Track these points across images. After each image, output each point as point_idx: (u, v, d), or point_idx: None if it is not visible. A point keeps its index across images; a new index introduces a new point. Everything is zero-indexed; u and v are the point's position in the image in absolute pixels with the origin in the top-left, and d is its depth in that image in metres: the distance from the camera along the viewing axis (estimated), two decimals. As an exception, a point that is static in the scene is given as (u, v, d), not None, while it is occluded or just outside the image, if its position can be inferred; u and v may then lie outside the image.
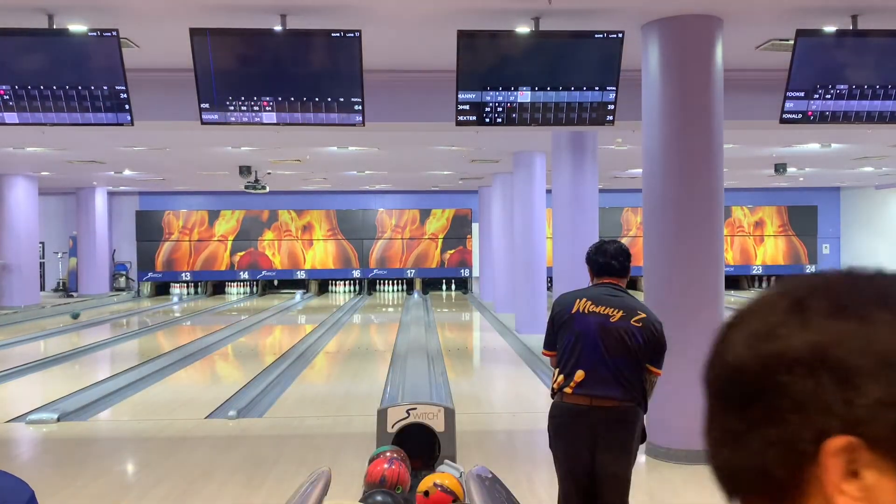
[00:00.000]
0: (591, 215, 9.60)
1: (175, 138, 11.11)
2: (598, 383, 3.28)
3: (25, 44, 5.45)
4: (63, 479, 5.32)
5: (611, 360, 3.28)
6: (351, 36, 5.42)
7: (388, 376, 9.10)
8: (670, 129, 5.64)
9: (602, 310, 3.33)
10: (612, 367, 3.28)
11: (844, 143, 12.59)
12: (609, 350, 3.29)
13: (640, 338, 3.31)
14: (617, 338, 3.29)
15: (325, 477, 2.77)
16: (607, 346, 3.29)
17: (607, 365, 3.28)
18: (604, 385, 3.28)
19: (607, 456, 3.28)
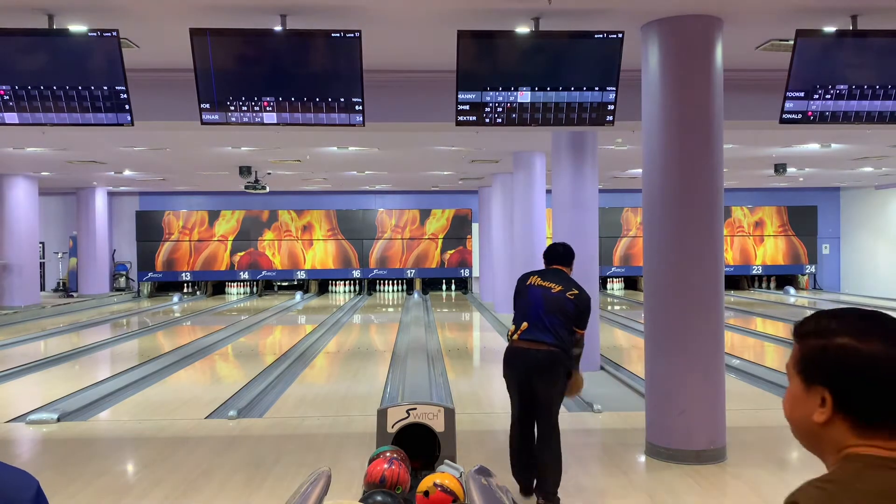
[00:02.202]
0: (591, 215, 9.59)
1: (175, 138, 11.12)
2: (535, 332, 4.58)
3: (25, 44, 5.45)
4: (63, 479, 5.32)
5: (546, 318, 4.59)
6: (351, 36, 5.42)
7: (388, 376, 9.11)
8: (670, 128, 5.64)
9: (546, 284, 4.72)
10: (546, 323, 4.58)
11: (844, 143, 12.60)
12: (547, 311, 4.60)
13: (571, 307, 4.64)
14: (554, 303, 4.62)
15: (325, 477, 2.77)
16: (546, 307, 4.61)
17: (543, 321, 4.59)
18: (539, 333, 4.57)
19: (539, 383, 4.60)
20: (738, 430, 6.16)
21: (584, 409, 7.28)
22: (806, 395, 1.30)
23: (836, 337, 1.27)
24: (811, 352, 1.30)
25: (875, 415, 1.24)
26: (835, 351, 1.27)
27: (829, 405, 1.26)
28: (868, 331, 1.26)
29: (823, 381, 1.27)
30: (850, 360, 1.25)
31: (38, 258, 19.24)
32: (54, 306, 17.76)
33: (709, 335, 5.60)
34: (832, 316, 1.32)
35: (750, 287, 22.58)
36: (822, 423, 1.28)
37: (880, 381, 1.23)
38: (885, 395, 1.23)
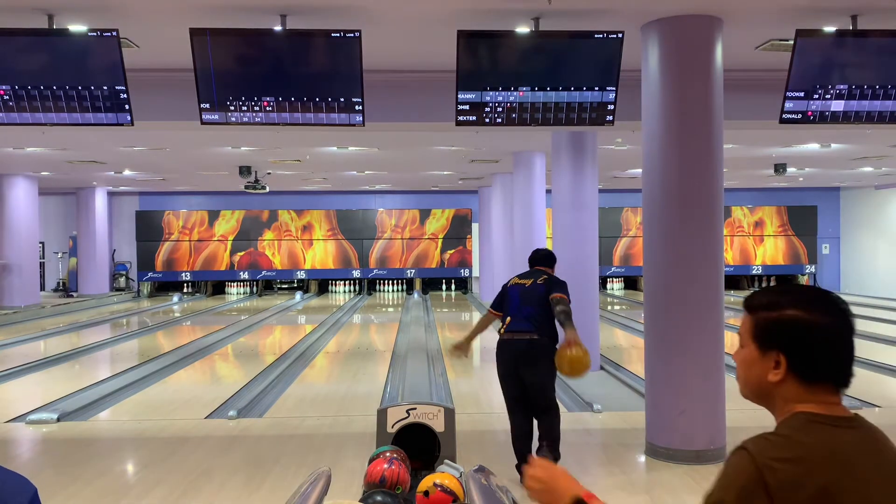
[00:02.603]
0: (591, 215, 9.59)
1: (175, 138, 11.12)
2: (517, 324, 5.07)
3: (25, 44, 5.45)
4: (63, 479, 5.32)
5: (523, 309, 5.08)
6: (351, 36, 5.42)
7: (388, 376, 9.11)
8: (670, 129, 5.64)
9: (522, 281, 5.28)
10: (525, 313, 5.06)
11: (844, 143, 12.59)
12: (522, 303, 5.11)
13: (542, 287, 5.11)
14: (527, 294, 5.13)
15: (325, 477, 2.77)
16: (521, 300, 5.13)
17: (522, 311, 5.08)
18: (520, 324, 5.05)
19: (526, 370, 5.01)
20: (738, 430, 6.14)
21: (584, 409, 7.28)
22: (761, 359, 1.52)
23: (786, 309, 1.51)
24: (766, 322, 1.52)
25: (820, 374, 1.48)
26: (788, 321, 1.50)
27: (784, 367, 1.49)
28: (813, 304, 1.51)
29: (778, 346, 1.49)
30: (801, 329, 1.49)
31: (38, 258, 19.24)
32: (54, 306, 17.76)
33: (709, 335, 5.60)
34: (780, 292, 1.56)
35: (750, 287, 22.57)
36: (776, 382, 1.50)
37: (825, 346, 1.48)
38: (829, 356, 1.47)
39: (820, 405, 1.46)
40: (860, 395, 7.67)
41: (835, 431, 1.43)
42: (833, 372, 1.48)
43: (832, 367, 1.48)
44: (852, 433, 1.44)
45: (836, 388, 1.49)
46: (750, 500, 1.37)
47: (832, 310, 1.50)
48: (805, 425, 1.43)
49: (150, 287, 21.64)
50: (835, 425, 1.43)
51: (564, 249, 9.62)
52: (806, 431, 1.42)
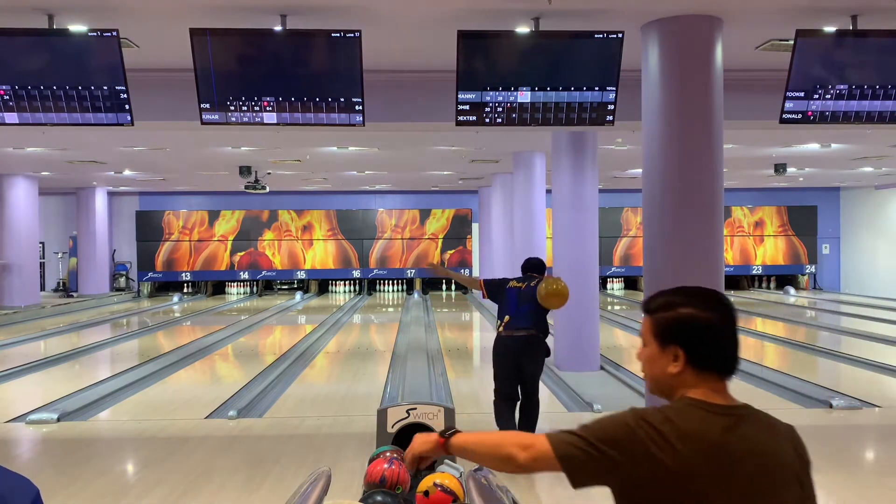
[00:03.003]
0: (591, 215, 9.59)
1: (175, 138, 11.12)
2: (515, 322, 5.69)
3: (25, 44, 5.46)
4: (63, 479, 5.32)
5: (521, 309, 5.68)
6: (351, 36, 5.42)
7: (388, 376, 9.11)
8: (670, 129, 5.64)
9: (519, 284, 5.83)
10: (522, 313, 5.67)
11: (844, 143, 12.59)
12: (520, 303, 5.70)
13: (535, 288, 5.66)
14: (524, 295, 5.71)
15: (325, 477, 2.77)
16: (519, 302, 5.71)
17: (520, 312, 5.69)
18: (517, 323, 5.68)
19: (527, 362, 5.72)
20: (738, 430, 6.15)
21: (585, 409, 7.28)
22: (661, 354, 1.72)
23: (680, 308, 1.70)
24: (665, 321, 1.71)
25: (710, 364, 1.68)
26: (683, 318, 1.69)
27: (682, 359, 1.68)
28: (702, 302, 1.70)
29: (676, 341, 1.69)
30: (695, 324, 1.68)
31: (38, 258, 19.24)
32: (54, 306, 17.76)
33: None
34: (673, 293, 1.75)
35: (750, 287, 22.58)
36: (675, 373, 1.70)
37: (715, 338, 1.68)
38: (717, 348, 1.68)
39: (706, 392, 1.67)
40: (860, 395, 7.67)
41: (706, 416, 1.62)
42: (721, 361, 1.69)
43: (720, 357, 1.69)
44: (725, 420, 1.62)
45: (721, 375, 1.69)
46: (613, 442, 1.58)
47: (719, 307, 1.69)
48: (685, 407, 1.64)
49: (150, 287, 21.64)
50: (708, 411, 1.63)
51: (564, 249, 9.62)
52: (684, 412, 1.63)
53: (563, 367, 9.26)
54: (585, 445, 1.59)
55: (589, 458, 1.59)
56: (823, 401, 7.42)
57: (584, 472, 1.60)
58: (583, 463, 1.60)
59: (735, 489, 1.57)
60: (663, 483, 1.56)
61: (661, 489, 1.56)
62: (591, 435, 1.60)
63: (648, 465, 1.56)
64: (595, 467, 1.59)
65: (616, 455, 1.57)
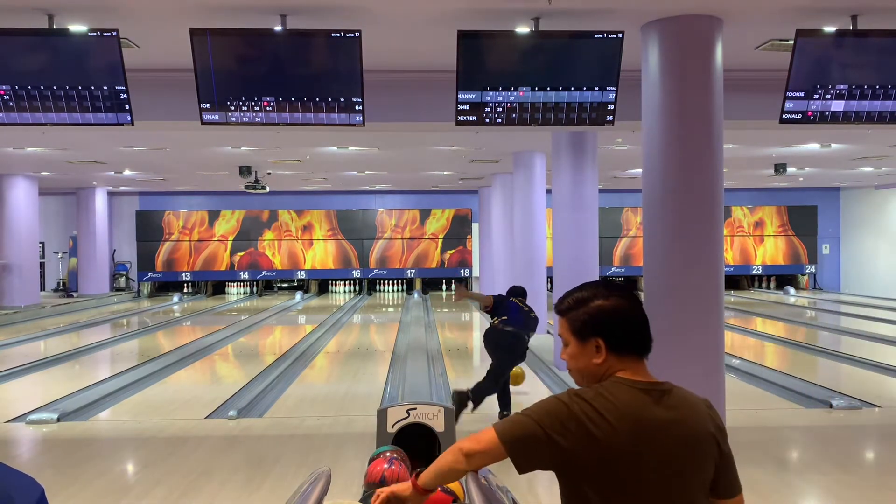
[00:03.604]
0: (591, 215, 9.59)
1: (175, 138, 11.12)
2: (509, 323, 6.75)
3: (25, 44, 5.45)
4: (63, 479, 5.32)
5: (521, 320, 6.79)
6: (351, 36, 5.42)
7: (388, 376, 9.10)
8: (670, 128, 5.64)
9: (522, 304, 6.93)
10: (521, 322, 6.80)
11: (844, 143, 12.59)
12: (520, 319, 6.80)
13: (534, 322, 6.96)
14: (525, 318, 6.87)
15: (325, 477, 2.77)
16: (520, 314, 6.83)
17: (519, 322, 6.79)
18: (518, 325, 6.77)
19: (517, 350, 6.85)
20: (738, 430, 6.16)
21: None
22: (584, 349, 1.83)
23: (591, 302, 1.83)
24: (580, 317, 1.82)
25: (629, 347, 1.81)
26: (597, 311, 1.81)
27: (604, 349, 1.80)
28: (609, 293, 1.83)
29: (595, 333, 1.81)
30: (609, 314, 1.81)
31: (38, 258, 19.24)
32: (54, 306, 17.76)
33: (709, 335, 5.60)
34: (580, 290, 1.88)
35: (750, 287, 22.58)
36: (600, 363, 1.81)
37: (628, 323, 1.82)
38: (632, 331, 1.81)
39: (631, 373, 1.78)
40: (860, 395, 7.67)
41: (634, 392, 1.74)
42: (638, 343, 1.82)
43: (636, 340, 1.82)
44: (651, 396, 1.74)
45: (640, 356, 1.82)
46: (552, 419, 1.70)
47: (623, 294, 1.83)
48: (611, 386, 1.76)
49: (150, 287, 21.64)
50: (635, 387, 1.75)
51: (564, 249, 9.62)
52: (612, 389, 1.74)
53: (564, 368, 9.26)
54: (529, 425, 1.71)
55: (533, 439, 1.70)
56: (823, 401, 7.42)
57: (529, 453, 1.71)
58: (527, 445, 1.71)
59: (664, 457, 1.70)
60: (601, 456, 1.68)
61: (599, 462, 1.68)
62: (532, 414, 1.73)
63: (586, 440, 1.68)
64: (538, 447, 1.70)
65: (555, 432, 1.68)
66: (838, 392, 7.77)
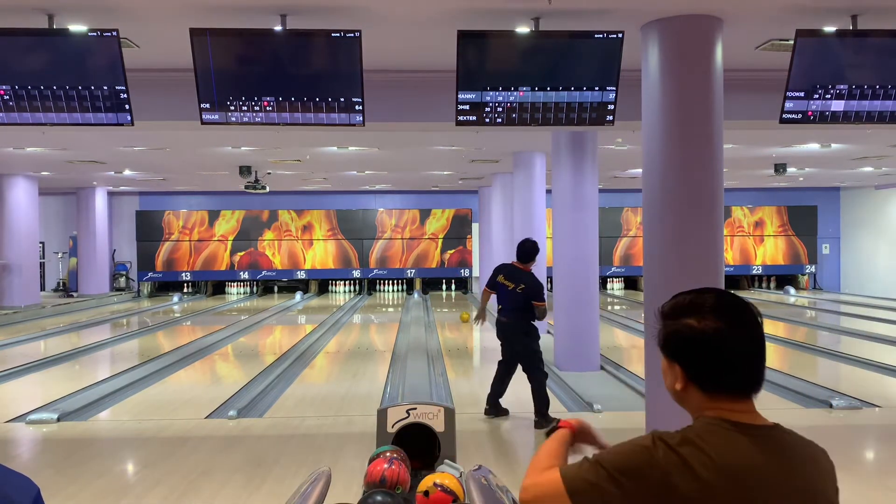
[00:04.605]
0: (591, 215, 9.59)
1: (175, 138, 11.11)
2: (504, 313, 6.94)
3: (25, 44, 5.45)
4: (63, 479, 5.32)
5: (507, 304, 6.90)
6: (351, 36, 5.42)
7: (388, 376, 9.11)
8: (670, 128, 5.64)
9: (506, 282, 6.94)
10: (508, 307, 6.90)
11: (844, 143, 12.59)
12: (511, 301, 6.86)
13: (521, 298, 6.77)
14: (510, 296, 6.85)
15: (325, 477, 2.77)
16: (509, 299, 6.87)
17: (507, 305, 6.91)
18: (506, 313, 6.91)
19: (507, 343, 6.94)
20: (738, 430, 6.15)
21: (585, 409, 7.28)
22: (670, 368, 1.55)
23: (682, 318, 1.50)
24: (666, 332, 1.53)
25: (718, 384, 1.47)
26: (681, 330, 1.49)
27: (682, 378, 1.51)
28: (706, 310, 1.47)
29: (676, 356, 1.52)
30: (692, 339, 1.48)
31: (38, 258, 19.23)
32: (54, 306, 17.76)
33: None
34: (686, 296, 1.54)
35: (750, 287, 22.58)
36: (680, 391, 1.52)
37: (714, 355, 1.46)
38: (719, 366, 1.46)
39: (728, 410, 1.45)
40: (860, 395, 7.67)
41: (730, 436, 1.41)
42: (730, 381, 1.46)
43: (726, 377, 1.46)
44: (754, 441, 1.41)
45: (739, 396, 1.46)
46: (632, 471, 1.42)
47: (728, 315, 1.46)
48: (704, 427, 1.44)
49: (150, 287, 21.64)
50: (731, 430, 1.42)
51: (564, 249, 9.62)
52: (703, 433, 1.43)
53: (564, 368, 9.26)
54: (600, 477, 1.43)
55: (603, 492, 1.42)
56: (823, 401, 7.42)
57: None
58: (597, 498, 1.43)
59: None
60: None
61: None
62: (607, 463, 1.45)
63: (667, 495, 1.38)
64: (610, 500, 1.42)
65: (632, 486, 1.40)
66: (838, 392, 7.77)
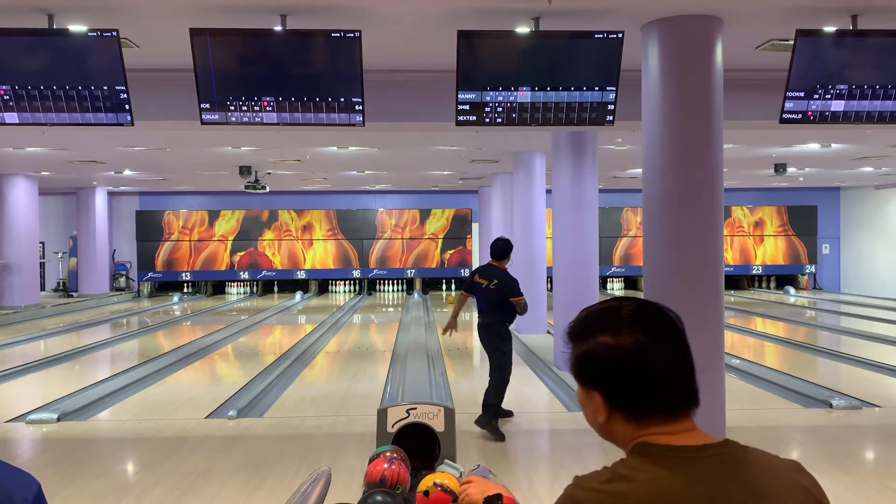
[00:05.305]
0: (591, 215, 9.59)
1: (175, 138, 11.11)
2: (482, 314, 6.70)
3: (25, 44, 5.45)
4: (63, 479, 5.32)
5: (483, 303, 6.68)
6: (351, 36, 5.42)
7: (388, 376, 9.11)
8: (670, 129, 5.64)
9: (481, 280, 6.70)
10: (483, 307, 6.68)
11: (844, 143, 12.59)
12: (483, 299, 6.66)
13: (494, 295, 6.58)
14: (485, 294, 6.64)
15: (325, 477, 2.77)
16: (482, 297, 6.66)
17: (483, 305, 6.69)
18: (483, 314, 6.69)
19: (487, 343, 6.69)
20: (738, 430, 6.16)
21: (584, 409, 7.27)
22: (588, 399, 1.27)
23: (594, 335, 1.24)
24: (577, 355, 1.26)
25: (641, 407, 1.22)
26: (593, 351, 1.23)
27: (603, 408, 1.24)
28: (622, 324, 1.22)
29: (593, 383, 1.25)
30: (605, 358, 1.22)
31: (38, 258, 19.23)
32: (54, 306, 17.76)
33: (709, 335, 5.60)
34: (591, 311, 1.29)
35: (750, 287, 22.58)
36: (603, 423, 1.25)
37: (636, 373, 1.21)
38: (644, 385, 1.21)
39: (666, 434, 1.22)
40: (860, 395, 7.67)
41: (668, 466, 1.18)
42: (659, 402, 1.22)
43: (654, 397, 1.22)
44: (695, 465, 1.19)
45: (675, 417, 1.23)
46: None
47: (648, 327, 1.22)
48: (638, 460, 1.20)
49: (150, 287, 21.63)
50: (671, 456, 1.19)
51: (564, 249, 9.62)
52: (635, 465, 1.19)
53: (564, 368, 9.25)
54: None
55: None
56: (823, 401, 7.42)
57: None
58: None
59: None
60: None
61: None
62: None
63: None
64: None
65: None
66: (838, 392, 7.77)
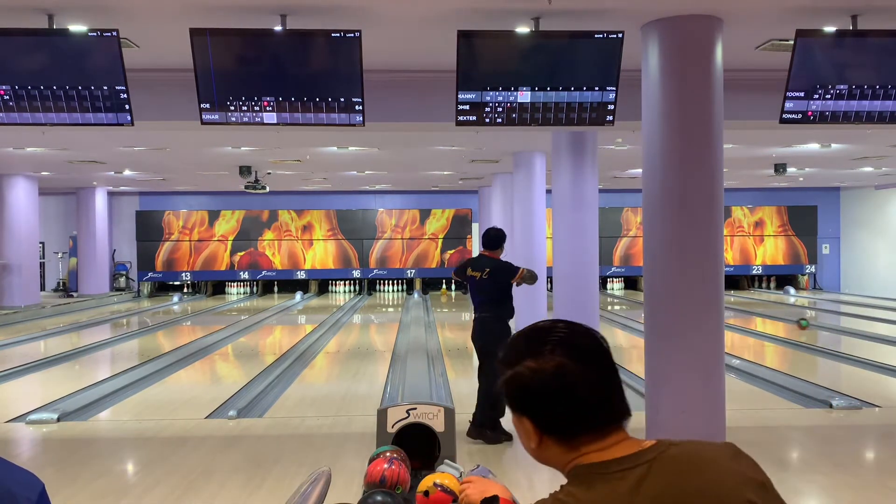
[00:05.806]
0: (591, 215, 9.59)
1: (175, 138, 11.11)
2: (478, 308, 6.45)
3: (25, 44, 5.45)
4: (63, 479, 5.32)
5: (478, 297, 6.42)
6: (351, 36, 5.42)
7: (388, 376, 9.11)
8: (670, 129, 5.64)
9: (474, 273, 6.39)
10: (478, 300, 6.42)
11: (844, 143, 12.59)
12: (477, 292, 6.41)
13: (488, 284, 6.29)
14: (478, 286, 6.36)
15: (325, 477, 2.76)
16: (476, 290, 6.40)
17: (478, 299, 6.42)
18: (478, 308, 6.43)
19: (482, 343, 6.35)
20: (738, 430, 6.16)
21: (584, 409, 7.27)
22: (519, 424, 1.25)
23: (519, 360, 1.21)
24: (506, 381, 1.24)
25: (571, 430, 1.20)
26: (518, 376, 1.21)
27: (533, 433, 1.22)
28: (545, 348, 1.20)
29: (520, 409, 1.23)
30: (529, 385, 1.20)
31: (38, 258, 19.24)
32: (54, 306, 17.76)
33: (709, 335, 5.60)
34: (521, 337, 1.26)
35: (750, 287, 22.58)
36: (536, 447, 1.23)
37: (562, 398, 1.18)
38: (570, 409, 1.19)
39: (597, 451, 1.20)
40: (860, 395, 7.67)
41: (607, 478, 1.17)
42: (591, 421, 1.20)
43: (588, 418, 1.20)
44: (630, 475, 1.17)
45: (606, 433, 1.20)
46: None
47: (575, 350, 1.21)
48: (576, 484, 1.19)
49: (150, 287, 21.64)
50: (608, 472, 1.17)
51: (564, 249, 9.62)
52: (581, 484, 1.18)
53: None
54: None
55: None
56: (823, 401, 7.42)
57: None
58: None
59: None
60: None
61: None
62: None
63: None
64: None
65: None
66: (838, 392, 7.77)
